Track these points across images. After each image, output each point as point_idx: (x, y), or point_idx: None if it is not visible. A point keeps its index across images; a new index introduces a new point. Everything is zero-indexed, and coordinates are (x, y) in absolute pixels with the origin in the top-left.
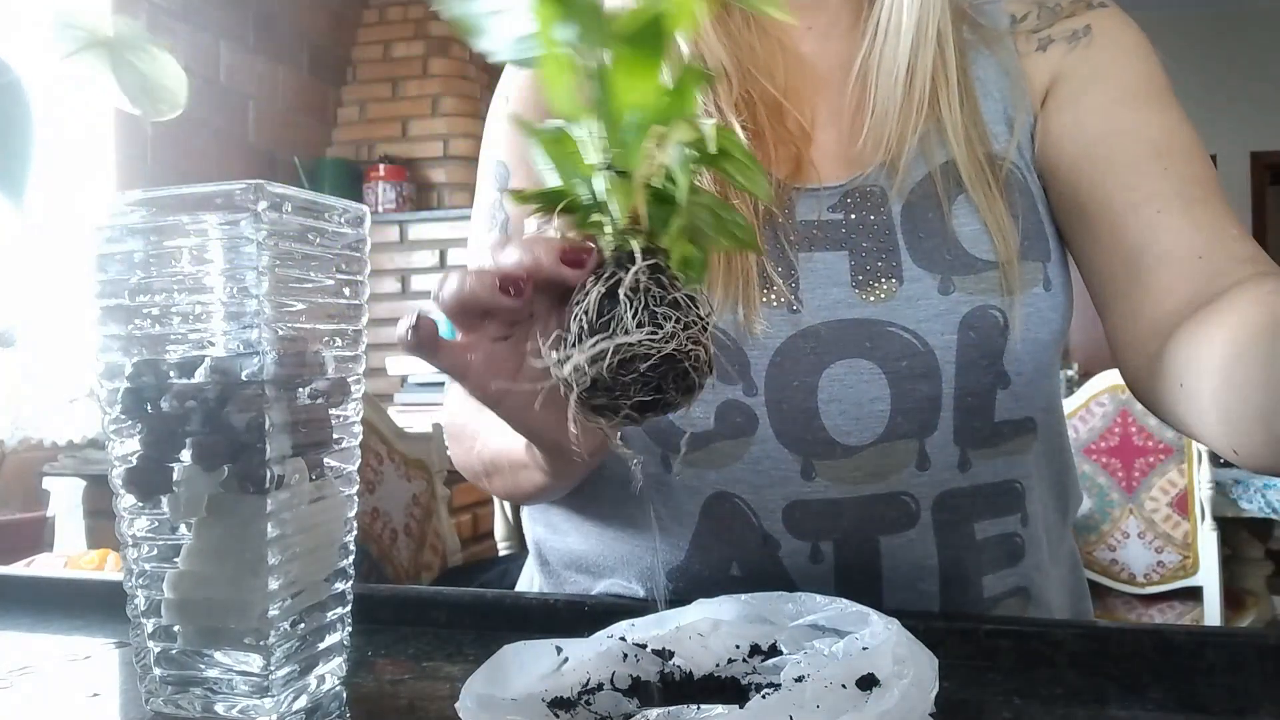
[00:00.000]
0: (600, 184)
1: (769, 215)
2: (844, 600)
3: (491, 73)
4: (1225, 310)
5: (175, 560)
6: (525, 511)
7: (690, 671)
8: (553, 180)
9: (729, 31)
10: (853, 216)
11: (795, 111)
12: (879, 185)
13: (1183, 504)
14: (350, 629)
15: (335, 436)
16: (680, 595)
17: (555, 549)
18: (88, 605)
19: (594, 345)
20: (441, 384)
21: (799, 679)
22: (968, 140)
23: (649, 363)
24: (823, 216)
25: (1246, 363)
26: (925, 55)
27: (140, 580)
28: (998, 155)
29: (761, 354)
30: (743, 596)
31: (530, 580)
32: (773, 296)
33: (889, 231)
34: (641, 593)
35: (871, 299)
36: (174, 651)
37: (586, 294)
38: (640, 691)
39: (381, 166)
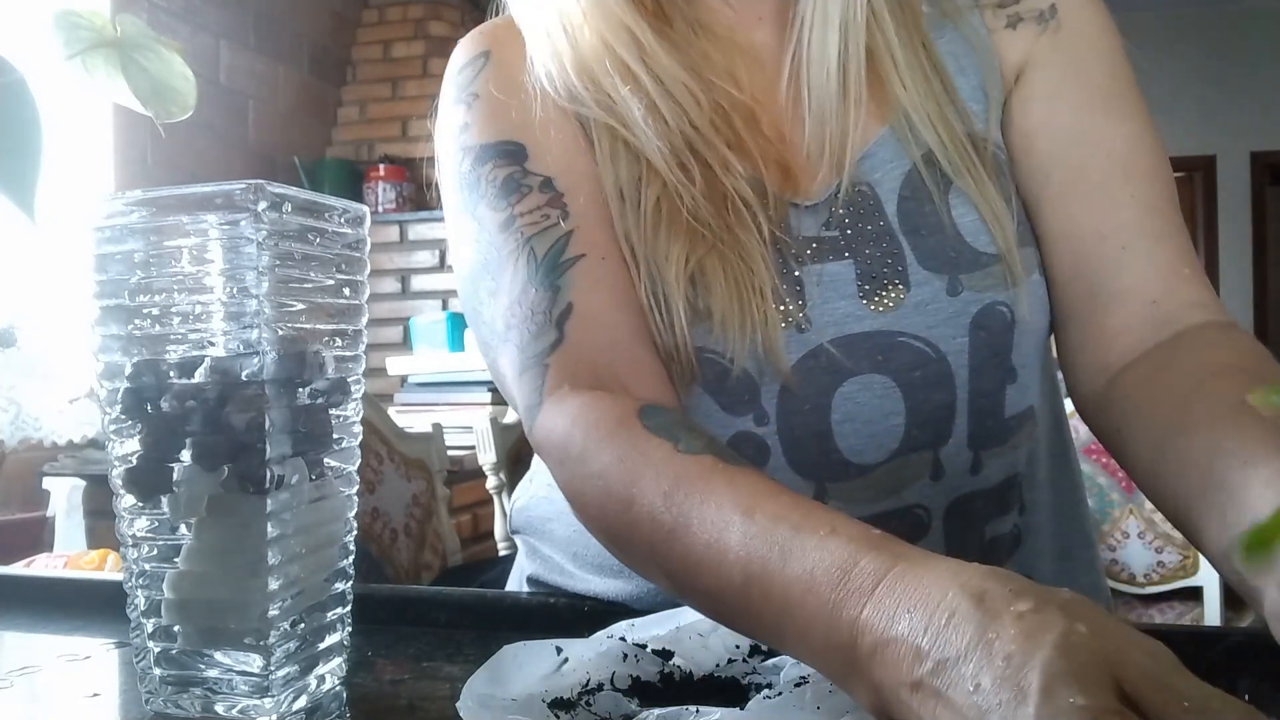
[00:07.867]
0: None
1: (772, 235)
2: None
3: None
4: (1172, 378)
5: (175, 560)
6: (520, 542)
7: (690, 671)
8: None
9: (675, 43)
10: (849, 231)
11: (769, 114)
12: (866, 183)
13: None
14: (350, 629)
15: (335, 436)
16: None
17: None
18: (88, 605)
19: None
20: (443, 384)
21: (799, 680)
22: (944, 122)
23: None
24: (820, 234)
25: (1179, 451)
26: (857, 40)
27: (140, 580)
28: (979, 135)
29: (772, 379)
30: None
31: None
32: (781, 318)
33: (890, 236)
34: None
35: (880, 309)
36: (174, 651)
37: None
38: (640, 692)
39: (381, 166)
